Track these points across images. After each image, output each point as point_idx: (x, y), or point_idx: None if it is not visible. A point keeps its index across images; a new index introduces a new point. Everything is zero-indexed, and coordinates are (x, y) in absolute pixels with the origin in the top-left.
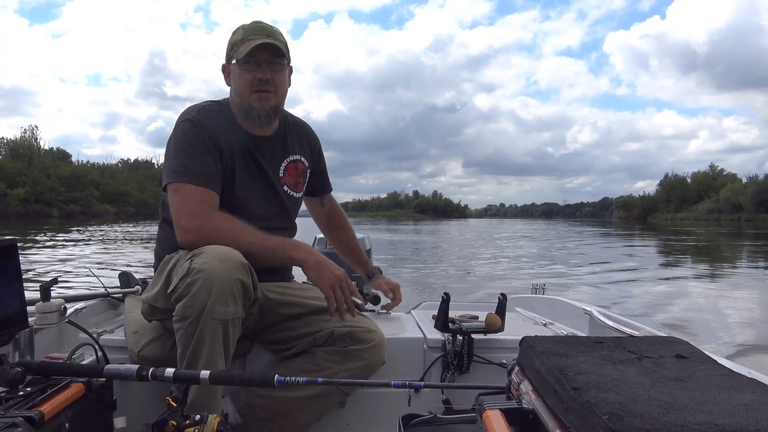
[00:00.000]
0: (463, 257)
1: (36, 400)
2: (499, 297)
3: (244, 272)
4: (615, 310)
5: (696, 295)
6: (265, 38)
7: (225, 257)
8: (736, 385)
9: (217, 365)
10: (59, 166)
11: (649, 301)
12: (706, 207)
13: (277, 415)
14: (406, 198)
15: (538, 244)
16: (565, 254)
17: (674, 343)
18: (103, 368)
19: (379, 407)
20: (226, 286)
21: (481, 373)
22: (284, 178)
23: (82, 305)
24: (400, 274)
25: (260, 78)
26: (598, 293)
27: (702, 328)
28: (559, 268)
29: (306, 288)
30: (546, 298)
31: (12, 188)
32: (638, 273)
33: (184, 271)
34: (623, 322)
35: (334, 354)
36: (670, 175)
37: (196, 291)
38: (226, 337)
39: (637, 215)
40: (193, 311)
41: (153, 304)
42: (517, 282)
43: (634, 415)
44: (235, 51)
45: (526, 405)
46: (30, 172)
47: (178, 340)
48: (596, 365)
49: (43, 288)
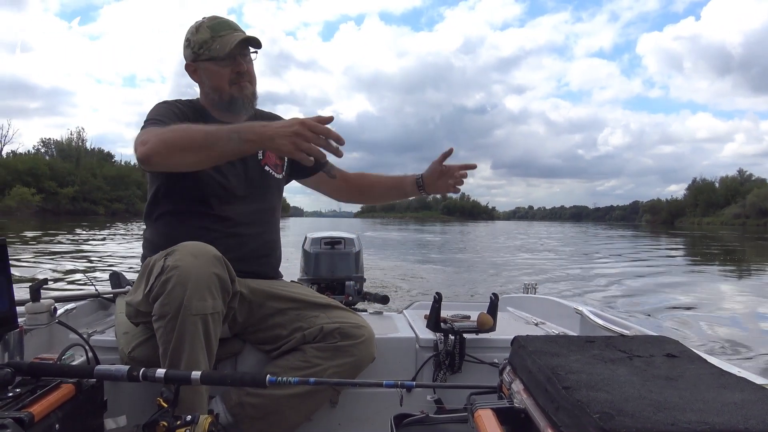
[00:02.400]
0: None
1: (25, 401)
2: (490, 297)
3: (219, 266)
4: (608, 309)
5: (696, 295)
6: (234, 32)
7: (198, 252)
8: (726, 383)
9: (200, 362)
10: (104, 167)
11: (646, 300)
12: (733, 211)
13: (268, 414)
14: (434, 199)
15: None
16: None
17: (664, 342)
18: (93, 369)
19: (370, 407)
20: (202, 280)
21: (472, 372)
22: (264, 159)
23: (73, 306)
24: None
25: (238, 71)
26: (596, 292)
27: (696, 326)
28: (562, 268)
29: (294, 285)
30: (537, 297)
31: (62, 187)
32: (645, 274)
33: (158, 269)
34: (614, 321)
35: (323, 350)
36: (698, 180)
37: (171, 288)
38: (207, 332)
39: (665, 219)
40: (170, 308)
41: (137, 308)
42: (512, 282)
43: (624, 414)
44: (207, 48)
45: (517, 404)
46: (78, 172)
47: (159, 339)
48: (587, 364)
49: (32, 288)
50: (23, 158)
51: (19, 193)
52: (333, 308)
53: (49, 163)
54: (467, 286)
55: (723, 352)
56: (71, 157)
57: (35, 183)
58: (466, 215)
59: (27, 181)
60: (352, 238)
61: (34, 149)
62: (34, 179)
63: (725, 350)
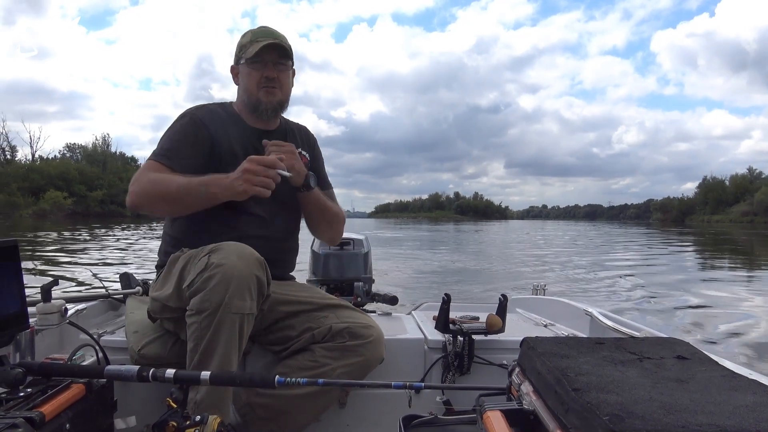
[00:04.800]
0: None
1: (37, 401)
2: (499, 298)
3: (261, 269)
4: (616, 310)
5: (707, 296)
6: (272, 39)
7: (243, 253)
8: (737, 386)
9: (232, 359)
10: (128, 170)
11: (657, 301)
12: (741, 209)
13: (277, 414)
14: (447, 199)
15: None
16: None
17: (675, 344)
18: (103, 369)
19: (379, 408)
20: (244, 281)
21: (481, 374)
22: None
23: (83, 306)
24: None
25: (267, 76)
26: (602, 292)
27: (707, 328)
28: (566, 268)
29: (306, 287)
30: (546, 299)
31: (91, 191)
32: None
33: (202, 266)
34: (624, 323)
35: (332, 350)
36: (709, 178)
37: (214, 285)
38: (241, 332)
39: (675, 217)
40: (210, 304)
41: (165, 303)
42: (520, 281)
43: (634, 416)
44: (244, 52)
45: (526, 406)
46: (105, 176)
47: (191, 335)
48: (597, 366)
49: (43, 289)
50: (55, 163)
51: (52, 197)
52: (342, 308)
53: (78, 168)
54: (476, 286)
55: (734, 354)
56: (98, 162)
57: (66, 187)
58: (480, 215)
59: (59, 185)
60: (360, 239)
61: (60, 154)
62: (65, 183)
63: (736, 352)
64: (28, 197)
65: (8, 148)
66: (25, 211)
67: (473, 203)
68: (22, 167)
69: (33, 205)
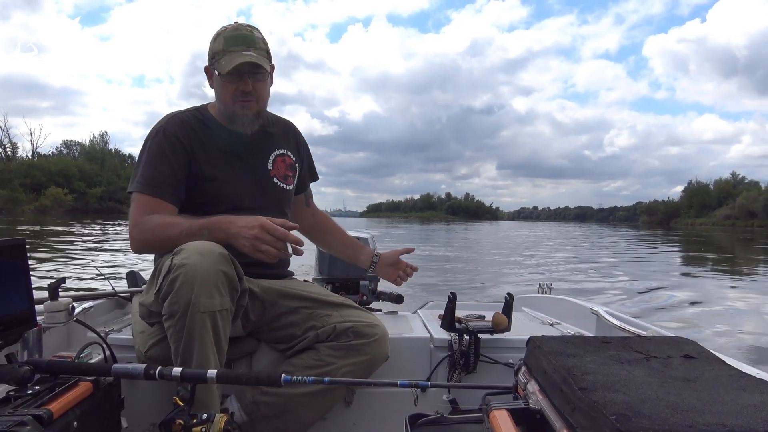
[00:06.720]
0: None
1: (44, 399)
2: (505, 297)
3: (226, 263)
4: (622, 309)
5: (711, 296)
6: (245, 50)
7: (204, 250)
8: (745, 385)
9: (209, 359)
10: (126, 168)
11: (663, 301)
12: (723, 213)
13: (283, 412)
14: (439, 200)
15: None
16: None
17: (682, 344)
18: (110, 367)
19: (385, 407)
20: (209, 278)
21: (487, 372)
22: (273, 170)
23: (90, 304)
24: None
25: (242, 90)
26: (609, 293)
27: (714, 327)
28: (566, 268)
29: (307, 284)
30: (553, 297)
31: (90, 187)
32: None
33: (166, 269)
34: (630, 322)
35: (337, 349)
36: (694, 182)
37: (179, 286)
38: (216, 329)
39: (660, 220)
40: (178, 307)
41: (149, 308)
42: (525, 281)
43: (641, 416)
44: (216, 62)
45: (533, 405)
46: (104, 173)
47: (170, 338)
48: (603, 365)
49: (51, 287)
50: (55, 160)
51: (53, 193)
52: (346, 307)
53: (77, 165)
54: (481, 284)
55: (742, 354)
56: (96, 159)
57: (66, 184)
58: (470, 215)
59: (59, 182)
60: (366, 238)
61: (57, 150)
62: (65, 180)
63: (744, 352)
64: (29, 193)
65: (9, 144)
66: (26, 207)
67: (464, 204)
68: (24, 163)
69: (34, 201)
